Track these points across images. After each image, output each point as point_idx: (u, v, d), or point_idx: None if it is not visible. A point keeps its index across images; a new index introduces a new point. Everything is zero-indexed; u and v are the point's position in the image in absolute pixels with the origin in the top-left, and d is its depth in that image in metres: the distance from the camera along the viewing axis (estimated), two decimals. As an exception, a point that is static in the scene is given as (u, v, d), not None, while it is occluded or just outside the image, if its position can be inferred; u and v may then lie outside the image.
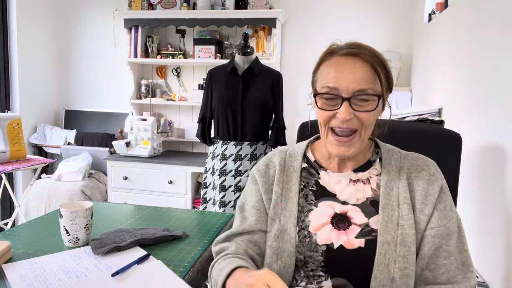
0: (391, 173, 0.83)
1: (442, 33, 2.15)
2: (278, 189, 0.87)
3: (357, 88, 0.76)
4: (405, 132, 1.13)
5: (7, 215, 3.38)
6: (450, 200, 0.82)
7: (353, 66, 0.78)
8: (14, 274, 0.86)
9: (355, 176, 0.85)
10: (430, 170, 0.82)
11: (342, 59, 0.79)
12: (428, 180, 0.81)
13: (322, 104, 0.80)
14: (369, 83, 0.77)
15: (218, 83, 2.18)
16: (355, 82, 0.76)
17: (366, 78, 0.77)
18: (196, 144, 3.57)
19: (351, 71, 0.77)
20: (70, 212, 1.01)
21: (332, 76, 0.78)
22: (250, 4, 3.15)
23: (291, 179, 0.87)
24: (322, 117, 0.81)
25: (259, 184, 0.89)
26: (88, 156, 3.29)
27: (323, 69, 0.82)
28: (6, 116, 2.58)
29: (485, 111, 1.45)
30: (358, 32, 3.10)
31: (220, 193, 2.14)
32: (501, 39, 1.34)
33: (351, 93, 0.76)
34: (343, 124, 0.77)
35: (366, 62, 0.78)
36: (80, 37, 3.72)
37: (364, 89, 0.76)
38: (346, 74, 0.77)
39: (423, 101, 2.51)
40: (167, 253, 1.00)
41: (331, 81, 0.78)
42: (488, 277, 1.30)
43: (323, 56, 0.83)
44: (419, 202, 0.79)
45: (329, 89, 0.78)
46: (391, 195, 0.80)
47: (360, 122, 0.78)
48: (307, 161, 0.90)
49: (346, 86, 0.76)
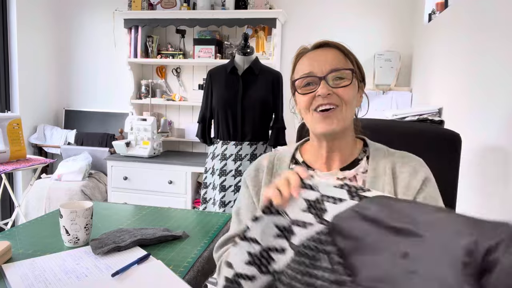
0: (377, 170, 0.85)
1: (442, 33, 2.15)
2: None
3: (330, 68, 0.82)
4: (405, 132, 1.13)
5: (7, 215, 3.38)
6: (434, 192, 0.82)
7: (323, 52, 0.86)
8: (14, 274, 0.86)
9: (342, 174, 0.87)
10: (414, 165, 0.84)
11: (312, 52, 0.87)
12: (410, 174, 0.82)
13: (302, 90, 0.85)
14: (341, 63, 0.83)
15: (218, 83, 2.18)
16: (327, 63, 0.83)
17: (337, 59, 0.84)
18: (196, 144, 3.57)
19: (322, 55, 0.85)
20: (70, 212, 1.01)
21: (305, 64, 0.85)
22: (250, 4, 3.15)
23: None
24: (304, 102, 0.84)
25: (249, 187, 0.92)
26: (88, 156, 3.29)
27: (298, 67, 0.88)
28: (6, 116, 2.58)
29: (485, 111, 1.45)
30: (358, 32, 3.10)
31: (220, 193, 2.14)
32: (501, 39, 1.34)
33: (325, 72, 0.82)
34: (324, 100, 0.81)
35: (335, 48, 0.86)
36: (80, 37, 3.72)
37: (336, 67, 0.82)
38: (317, 58, 0.84)
39: (423, 101, 2.51)
40: (167, 253, 1.00)
41: (306, 69, 0.85)
42: (488, 277, 1.30)
43: (295, 58, 0.91)
44: (401, 194, 0.81)
45: (305, 74, 0.84)
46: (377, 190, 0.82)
47: (340, 98, 0.82)
48: (296, 162, 0.93)
49: (320, 68, 0.82)
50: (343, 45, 0.87)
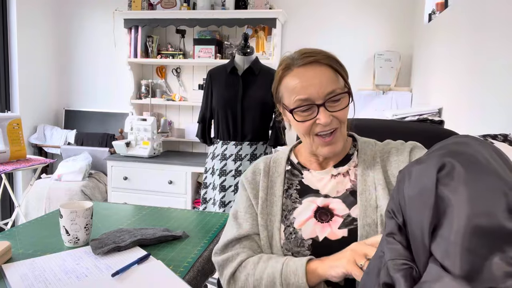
0: (367, 161, 0.87)
1: (442, 33, 2.15)
2: (263, 195, 0.90)
3: (326, 92, 0.81)
4: (405, 132, 1.13)
5: (7, 215, 3.38)
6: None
7: (315, 73, 0.82)
8: (14, 274, 0.86)
9: (336, 171, 0.89)
10: (397, 145, 0.87)
11: (301, 69, 0.83)
12: (397, 152, 0.86)
13: (300, 117, 0.83)
14: (334, 83, 0.82)
15: (218, 83, 2.18)
16: (322, 87, 0.80)
17: (330, 79, 0.82)
18: (196, 144, 3.57)
19: (315, 77, 0.81)
20: (70, 212, 1.00)
21: (299, 88, 0.82)
22: (250, 4, 3.15)
23: (275, 184, 0.91)
24: (304, 128, 0.84)
25: (247, 190, 0.92)
26: (88, 156, 3.29)
27: (287, 83, 0.85)
28: (6, 116, 2.58)
29: (485, 111, 1.45)
30: (358, 32, 3.10)
31: (220, 193, 2.14)
32: (501, 39, 1.34)
33: (323, 98, 0.81)
34: (326, 127, 0.82)
35: (324, 65, 0.83)
36: (80, 37, 3.72)
37: (332, 90, 0.81)
38: (311, 82, 0.81)
39: (423, 101, 2.51)
40: (167, 253, 1.00)
41: (301, 93, 0.82)
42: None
43: (281, 72, 0.86)
44: (391, 176, 0.84)
45: (302, 101, 0.82)
46: (368, 181, 0.84)
47: (338, 121, 0.83)
48: (291, 163, 0.94)
49: (317, 93, 0.80)
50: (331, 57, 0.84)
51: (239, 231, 0.88)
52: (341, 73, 0.85)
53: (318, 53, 0.83)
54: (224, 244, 0.88)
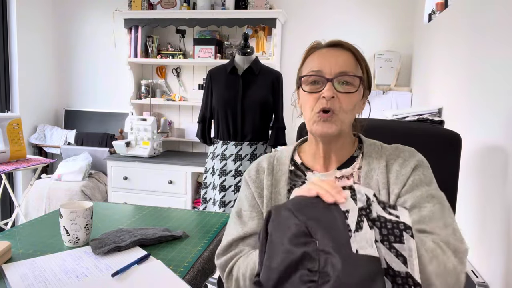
0: (371, 164, 0.86)
1: (442, 33, 2.15)
2: (267, 193, 0.89)
3: (339, 70, 0.81)
4: (405, 132, 1.13)
5: (7, 215, 3.38)
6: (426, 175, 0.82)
7: (335, 53, 0.84)
8: (14, 274, 0.86)
9: (339, 173, 0.87)
10: (405, 155, 0.85)
11: (324, 50, 0.86)
12: (401, 164, 0.84)
13: (307, 87, 0.84)
14: (351, 67, 0.83)
15: (218, 83, 2.18)
16: (337, 65, 0.82)
17: (348, 62, 0.83)
18: (196, 144, 3.57)
19: (334, 55, 0.83)
20: (70, 212, 1.01)
21: (316, 62, 0.84)
22: (250, 4, 3.15)
23: (279, 182, 0.90)
24: (308, 102, 0.84)
25: (252, 189, 0.91)
26: (88, 156, 3.29)
27: (307, 62, 0.87)
28: (6, 116, 2.58)
29: (485, 111, 1.45)
30: (358, 32, 3.10)
31: (220, 193, 2.14)
32: (500, 39, 1.34)
33: (334, 74, 0.81)
34: (327, 103, 0.81)
35: (348, 50, 0.85)
36: (80, 37, 3.72)
37: (346, 71, 0.81)
38: (329, 58, 0.83)
39: (423, 101, 2.51)
40: (167, 253, 1.00)
41: (315, 66, 0.83)
42: (488, 277, 1.30)
43: (306, 52, 0.89)
44: (392, 184, 0.82)
45: (313, 72, 0.83)
46: (371, 184, 0.83)
47: (340, 105, 0.81)
48: (294, 163, 0.93)
49: (329, 68, 0.81)
50: (357, 49, 0.86)
51: (244, 229, 0.87)
52: (362, 64, 0.85)
53: (346, 42, 0.86)
54: (228, 244, 0.86)
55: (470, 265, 1.41)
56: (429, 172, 0.84)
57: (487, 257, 1.34)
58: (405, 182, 0.81)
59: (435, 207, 0.77)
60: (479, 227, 1.43)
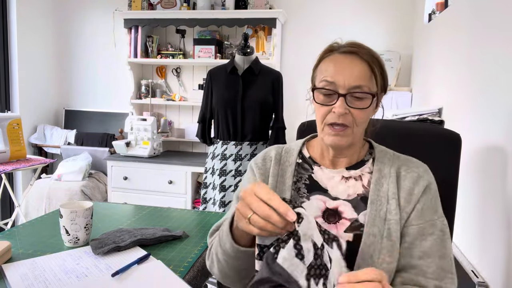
0: (383, 171, 0.85)
1: (442, 33, 2.15)
2: (273, 181, 0.89)
3: (353, 84, 0.79)
4: (405, 132, 1.12)
5: (7, 215, 3.38)
6: (434, 202, 0.82)
7: (351, 63, 0.81)
8: (14, 274, 0.86)
9: (348, 174, 0.87)
10: (419, 171, 0.84)
11: (341, 56, 0.83)
12: (415, 180, 0.82)
13: (320, 99, 0.83)
14: (365, 81, 0.80)
15: (218, 83, 2.18)
16: (351, 78, 0.79)
17: (363, 75, 0.80)
18: (196, 144, 3.57)
19: (349, 67, 0.80)
20: (70, 212, 1.01)
21: (331, 70, 0.81)
22: (250, 4, 3.15)
23: (286, 173, 0.89)
24: (319, 113, 0.83)
25: (257, 176, 0.91)
26: (88, 156, 3.29)
27: (323, 65, 0.85)
28: (6, 116, 2.58)
29: (485, 111, 1.45)
30: (358, 32, 3.10)
31: (220, 193, 2.14)
32: (501, 39, 1.34)
33: (347, 89, 0.79)
34: (339, 119, 0.80)
35: (363, 61, 0.81)
36: (80, 37, 3.72)
37: (360, 85, 0.79)
38: (344, 69, 0.80)
39: (423, 101, 2.51)
40: (167, 253, 1.00)
41: (329, 76, 0.81)
42: (488, 277, 1.30)
43: (323, 53, 0.87)
44: (403, 199, 0.81)
45: (327, 83, 0.81)
46: (381, 191, 0.82)
47: (353, 119, 0.80)
48: (302, 157, 0.92)
49: (343, 81, 0.79)
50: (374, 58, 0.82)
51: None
52: (377, 76, 0.82)
53: (363, 48, 0.83)
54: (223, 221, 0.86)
55: (470, 265, 1.41)
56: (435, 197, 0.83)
57: (487, 257, 1.34)
58: (415, 205, 0.80)
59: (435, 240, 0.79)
60: (479, 227, 1.43)
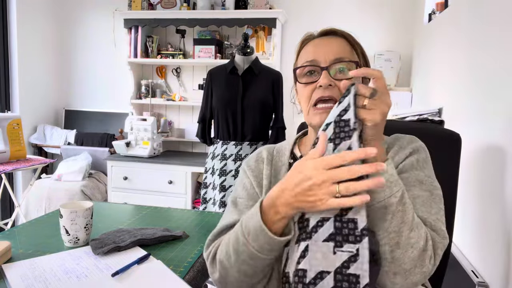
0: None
1: (442, 33, 2.15)
2: (267, 183, 0.88)
3: (334, 57, 0.80)
4: (405, 132, 1.12)
5: (7, 215, 3.38)
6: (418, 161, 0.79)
7: (328, 41, 0.83)
8: (14, 274, 0.86)
9: None
10: (401, 143, 0.83)
11: (317, 39, 0.85)
12: (396, 151, 0.82)
13: (303, 79, 0.83)
14: (346, 53, 0.81)
15: (218, 83, 2.18)
16: (331, 52, 0.80)
17: (342, 49, 0.81)
18: (196, 144, 3.57)
19: (328, 44, 0.82)
20: (70, 212, 1.00)
21: (309, 52, 0.83)
22: (250, 4, 3.15)
23: (279, 173, 0.89)
24: (304, 94, 0.83)
25: (250, 178, 0.90)
26: (88, 156, 3.29)
27: (302, 54, 0.86)
28: (6, 116, 2.58)
29: (484, 111, 1.45)
30: (358, 32, 3.09)
31: (220, 193, 2.14)
32: (501, 39, 1.34)
33: (329, 62, 0.80)
34: (325, 92, 0.79)
35: (341, 37, 0.84)
36: (80, 37, 3.72)
37: (341, 57, 0.80)
38: (322, 47, 0.82)
39: (423, 101, 2.51)
40: (167, 253, 1.00)
41: (309, 56, 0.82)
42: (488, 277, 1.30)
43: (300, 45, 0.88)
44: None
45: (308, 63, 0.82)
46: None
47: (340, 92, 0.79)
48: (293, 157, 0.92)
49: (324, 57, 0.80)
50: (350, 35, 0.85)
51: (240, 216, 0.83)
52: (357, 50, 0.83)
53: (338, 29, 0.86)
54: (221, 229, 0.83)
55: (470, 265, 1.41)
56: (424, 158, 0.81)
57: (487, 257, 1.34)
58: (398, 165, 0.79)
59: (421, 193, 0.75)
60: (479, 227, 1.43)
